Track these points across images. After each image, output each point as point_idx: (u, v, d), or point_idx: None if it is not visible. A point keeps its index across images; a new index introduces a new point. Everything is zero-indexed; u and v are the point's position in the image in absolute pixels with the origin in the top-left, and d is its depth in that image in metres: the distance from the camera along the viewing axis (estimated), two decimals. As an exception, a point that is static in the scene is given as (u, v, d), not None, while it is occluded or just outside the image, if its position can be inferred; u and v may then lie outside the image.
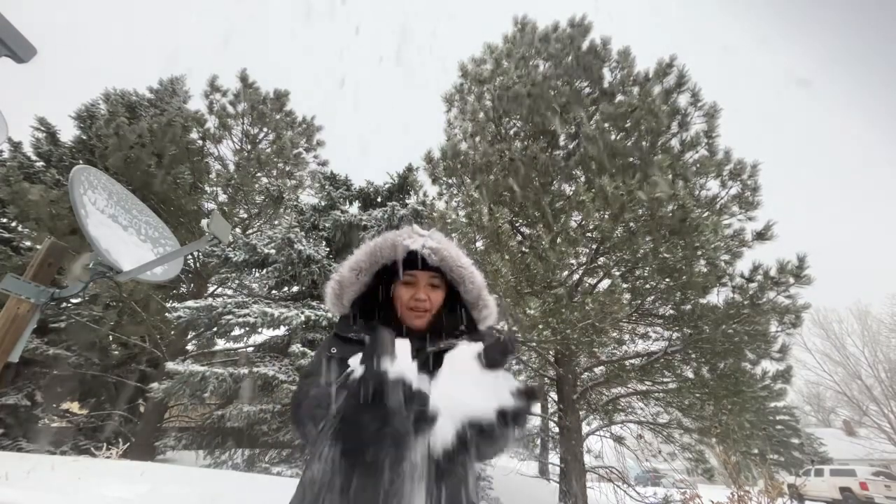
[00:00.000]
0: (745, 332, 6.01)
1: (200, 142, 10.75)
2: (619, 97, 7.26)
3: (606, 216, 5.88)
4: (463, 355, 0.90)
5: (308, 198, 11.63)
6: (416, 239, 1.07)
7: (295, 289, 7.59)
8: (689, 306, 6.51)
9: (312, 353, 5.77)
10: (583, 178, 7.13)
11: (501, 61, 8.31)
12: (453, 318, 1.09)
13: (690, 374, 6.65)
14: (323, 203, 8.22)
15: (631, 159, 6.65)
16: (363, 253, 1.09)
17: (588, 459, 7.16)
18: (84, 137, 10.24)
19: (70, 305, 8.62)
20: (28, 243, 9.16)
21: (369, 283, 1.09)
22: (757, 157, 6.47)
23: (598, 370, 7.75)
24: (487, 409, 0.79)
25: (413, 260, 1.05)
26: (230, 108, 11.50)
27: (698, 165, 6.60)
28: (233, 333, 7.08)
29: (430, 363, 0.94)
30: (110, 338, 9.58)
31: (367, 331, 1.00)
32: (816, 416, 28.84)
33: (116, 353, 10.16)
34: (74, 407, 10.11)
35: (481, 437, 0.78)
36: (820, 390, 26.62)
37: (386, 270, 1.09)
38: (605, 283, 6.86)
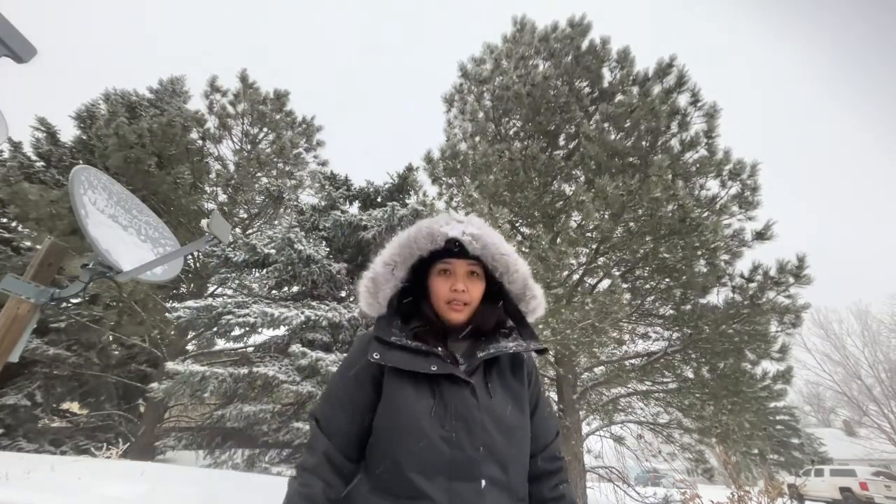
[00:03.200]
0: (745, 332, 6.01)
1: (200, 142, 10.75)
2: (619, 97, 7.26)
3: (606, 216, 5.88)
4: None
5: (308, 198, 11.64)
6: (454, 225, 0.98)
7: (295, 289, 7.58)
8: (689, 306, 6.51)
9: (312, 354, 5.77)
10: (583, 178, 7.14)
11: (501, 61, 8.30)
12: (495, 312, 1.01)
13: (690, 374, 6.65)
14: (323, 203, 8.21)
15: (631, 159, 6.65)
16: (396, 246, 1.01)
17: (588, 459, 7.16)
18: (84, 137, 10.24)
19: (70, 305, 8.61)
20: (28, 243, 9.15)
21: (405, 278, 1.01)
22: (756, 156, 6.48)
23: (598, 370, 7.75)
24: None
25: (449, 248, 0.97)
26: (230, 108, 11.50)
27: (698, 165, 6.60)
28: (233, 333, 7.05)
29: (482, 370, 0.91)
30: (110, 338, 9.58)
31: (410, 335, 0.94)
32: (816, 416, 28.84)
33: (116, 353, 10.15)
34: (74, 407, 10.10)
35: None
36: (820, 390, 26.64)
37: (423, 263, 1.01)
38: (605, 283, 6.85)
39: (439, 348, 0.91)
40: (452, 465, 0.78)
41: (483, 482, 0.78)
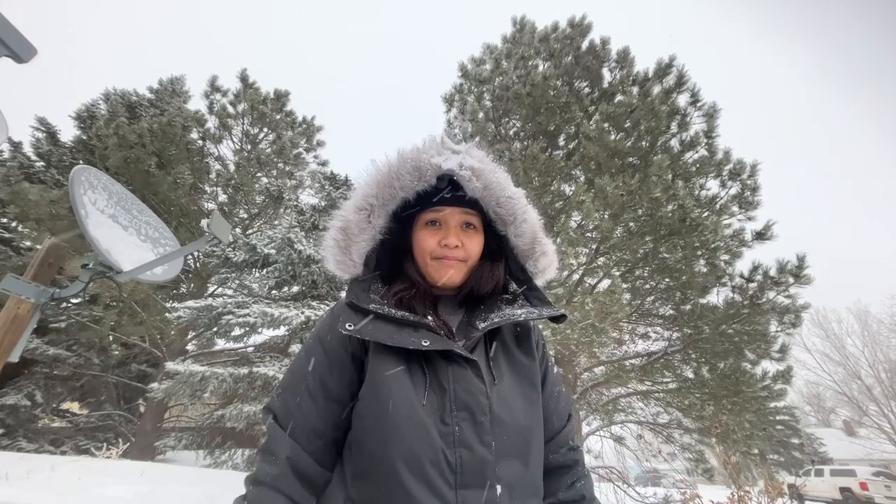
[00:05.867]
0: (745, 332, 6.01)
1: (200, 142, 10.75)
2: (619, 97, 7.27)
3: (606, 216, 5.88)
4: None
5: (308, 198, 11.63)
6: (448, 156, 0.75)
7: (295, 289, 7.58)
8: (689, 306, 6.51)
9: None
10: (583, 178, 7.14)
11: (501, 61, 8.31)
12: (495, 271, 0.81)
13: (690, 374, 6.65)
14: (323, 203, 8.22)
15: (631, 159, 6.65)
16: (373, 184, 0.77)
17: (588, 459, 7.16)
18: (84, 137, 10.24)
19: (70, 305, 8.62)
20: (28, 243, 9.16)
21: (385, 227, 0.79)
22: (757, 156, 6.48)
23: (598, 370, 7.76)
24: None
25: (439, 190, 0.78)
26: (230, 108, 11.50)
27: (698, 165, 6.61)
28: (233, 333, 7.07)
29: (484, 345, 0.74)
30: (110, 338, 9.58)
31: (393, 301, 0.75)
32: (816, 416, 28.82)
33: (116, 353, 10.16)
34: (74, 407, 10.11)
35: None
36: (820, 390, 26.64)
37: (405, 210, 0.80)
38: (605, 283, 6.85)
39: (429, 318, 0.73)
40: (458, 468, 0.62)
41: (498, 488, 0.62)
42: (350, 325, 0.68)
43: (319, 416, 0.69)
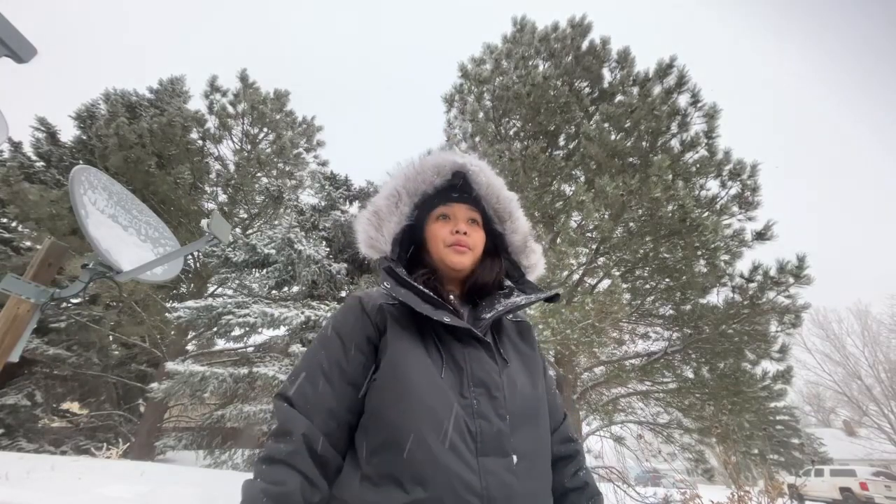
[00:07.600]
0: (745, 332, 6.01)
1: (200, 142, 10.75)
2: (619, 97, 7.27)
3: (606, 216, 5.88)
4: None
5: (308, 198, 11.63)
6: (460, 155, 0.91)
7: (295, 289, 7.57)
8: (689, 306, 6.51)
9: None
10: (583, 178, 7.14)
11: (501, 61, 8.31)
12: (495, 265, 0.92)
13: (690, 374, 6.65)
14: (323, 203, 8.20)
15: (631, 159, 6.65)
16: (401, 178, 0.90)
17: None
18: (84, 137, 10.24)
19: (70, 305, 8.62)
20: (28, 243, 9.16)
21: (410, 215, 0.90)
22: (757, 156, 6.47)
23: (598, 370, 7.75)
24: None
25: (450, 192, 0.91)
26: (230, 108, 11.50)
27: (698, 165, 6.60)
28: (233, 333, 7.06)
29: (492, 336, 0.81)
30: (110, 338, 9.59)
31: (420, 279, 0.82)
32: (816, 416, 28.80)
33: (116, 353, 10.17)
34: (74, 407, 10.12)
35: None
36: (820, 390, 26.62)
37: (425, 206, 0.93)
38: (605, 283, 6.86)
39: (451, 297, 0.83)
40: (479, 437, 0.65)
41: (514, 457, 0.66)
42: (387, 284, 0.77)
43: (335, 396, 0.70)
